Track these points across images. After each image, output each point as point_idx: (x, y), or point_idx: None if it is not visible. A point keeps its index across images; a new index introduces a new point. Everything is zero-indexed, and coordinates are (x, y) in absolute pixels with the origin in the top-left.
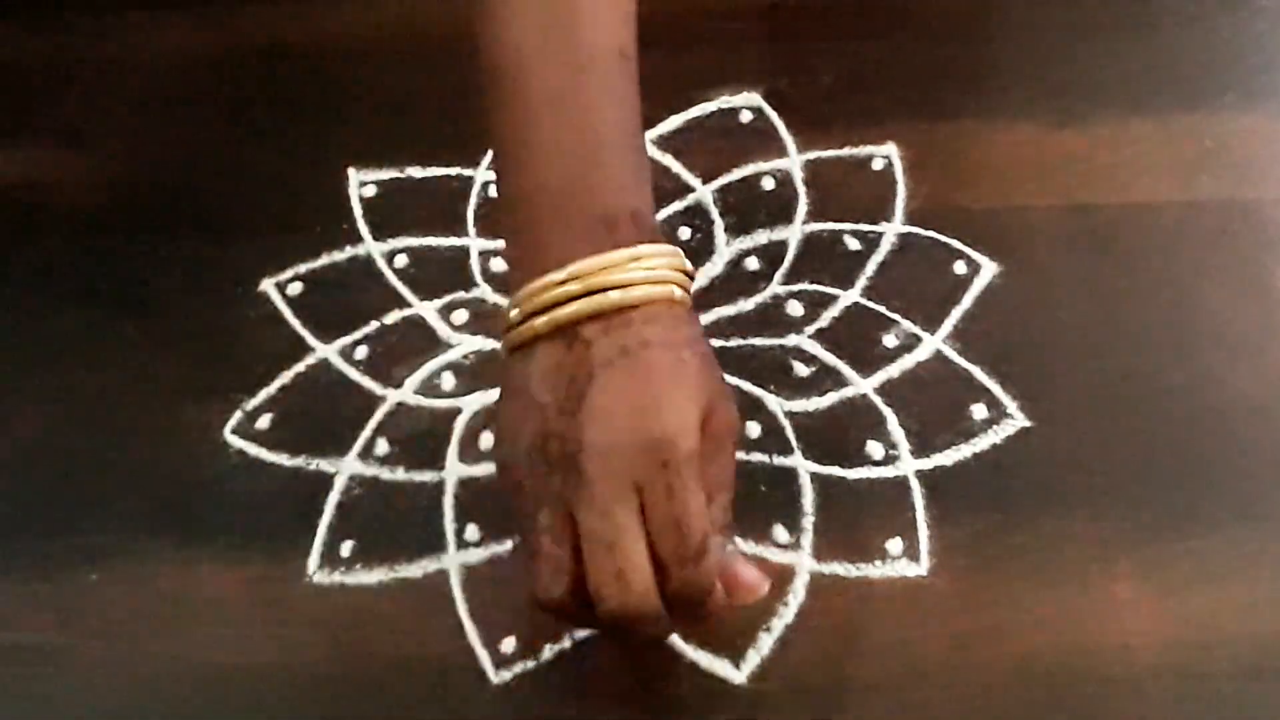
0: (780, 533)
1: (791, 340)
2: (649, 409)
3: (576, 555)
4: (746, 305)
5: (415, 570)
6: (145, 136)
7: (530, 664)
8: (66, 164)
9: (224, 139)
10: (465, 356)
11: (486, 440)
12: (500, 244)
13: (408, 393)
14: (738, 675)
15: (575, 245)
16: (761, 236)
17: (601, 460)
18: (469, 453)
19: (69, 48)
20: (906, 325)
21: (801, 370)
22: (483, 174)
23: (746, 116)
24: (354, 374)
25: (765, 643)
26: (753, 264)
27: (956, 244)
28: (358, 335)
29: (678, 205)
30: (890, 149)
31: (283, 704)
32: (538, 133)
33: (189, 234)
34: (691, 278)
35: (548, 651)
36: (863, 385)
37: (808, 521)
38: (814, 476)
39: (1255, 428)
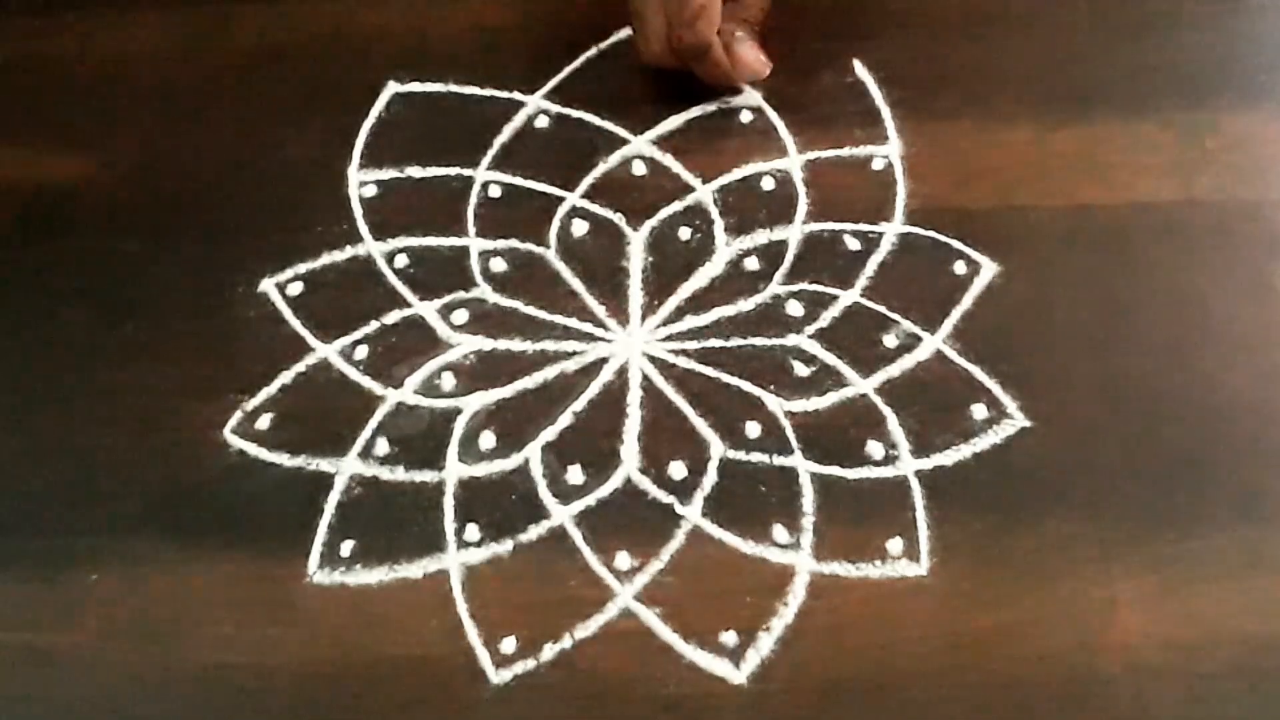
0: (780, 533)
1: (791, 340)
2: None
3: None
4: (746, 305)
5: (415, 570)
6: (146, 137)
7: (530, 664)
8: (67, 164)
9: (224, 139)
10: (465, 356)
11: (486, 440)
12: (500, 243)
13: (408, 393)
14: (738, 675)
15: None
16: (761, 236)
17: None
18: (469, 453)
19: (69, 48)
20: (906, 325)
21: (801, 370)
22: (483, 174)
23: (746, 116)
24: (354, 374)
25: (765, 643)
26: (753, 264)
27: (956, 244)
28: (358, 335)
29: (678, 205)
30: (890, 149)
31: (283, 704)
32: None
33: (189, 234)
34: None
35: (548, 651)
36: (863, 385)
37: (808, 521)
38: (814, 476)
39: (1255, 428)
